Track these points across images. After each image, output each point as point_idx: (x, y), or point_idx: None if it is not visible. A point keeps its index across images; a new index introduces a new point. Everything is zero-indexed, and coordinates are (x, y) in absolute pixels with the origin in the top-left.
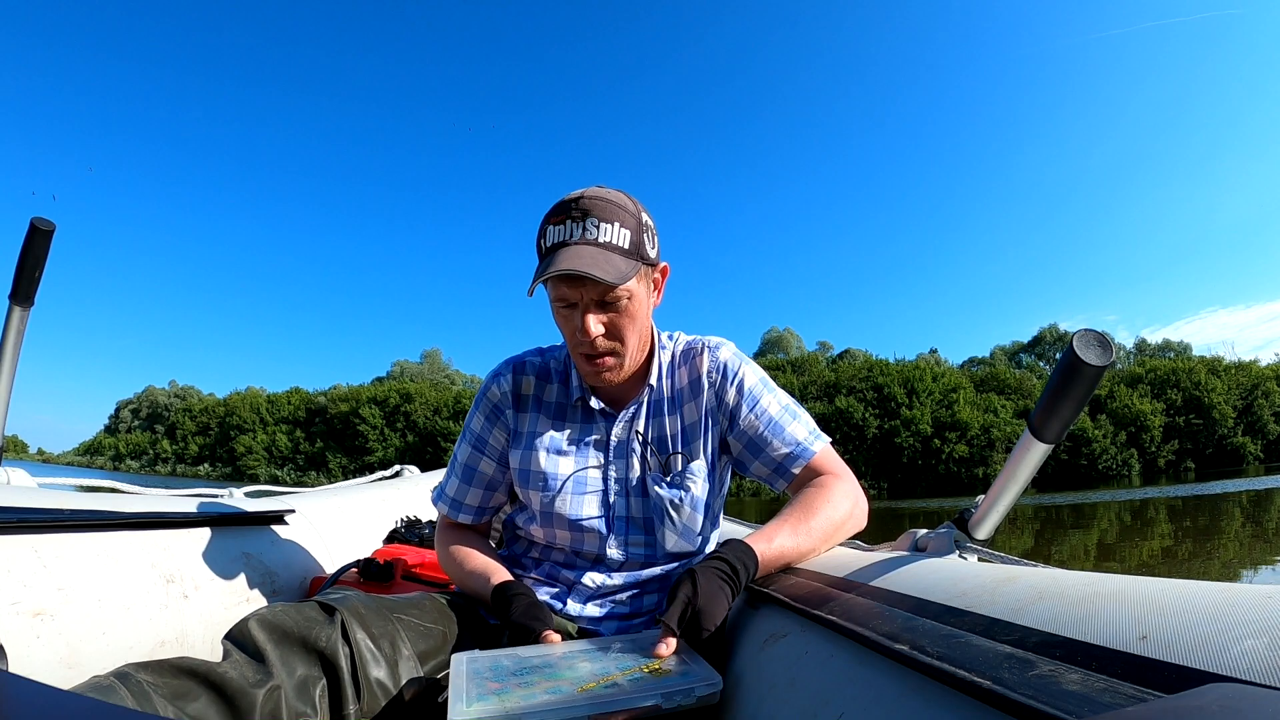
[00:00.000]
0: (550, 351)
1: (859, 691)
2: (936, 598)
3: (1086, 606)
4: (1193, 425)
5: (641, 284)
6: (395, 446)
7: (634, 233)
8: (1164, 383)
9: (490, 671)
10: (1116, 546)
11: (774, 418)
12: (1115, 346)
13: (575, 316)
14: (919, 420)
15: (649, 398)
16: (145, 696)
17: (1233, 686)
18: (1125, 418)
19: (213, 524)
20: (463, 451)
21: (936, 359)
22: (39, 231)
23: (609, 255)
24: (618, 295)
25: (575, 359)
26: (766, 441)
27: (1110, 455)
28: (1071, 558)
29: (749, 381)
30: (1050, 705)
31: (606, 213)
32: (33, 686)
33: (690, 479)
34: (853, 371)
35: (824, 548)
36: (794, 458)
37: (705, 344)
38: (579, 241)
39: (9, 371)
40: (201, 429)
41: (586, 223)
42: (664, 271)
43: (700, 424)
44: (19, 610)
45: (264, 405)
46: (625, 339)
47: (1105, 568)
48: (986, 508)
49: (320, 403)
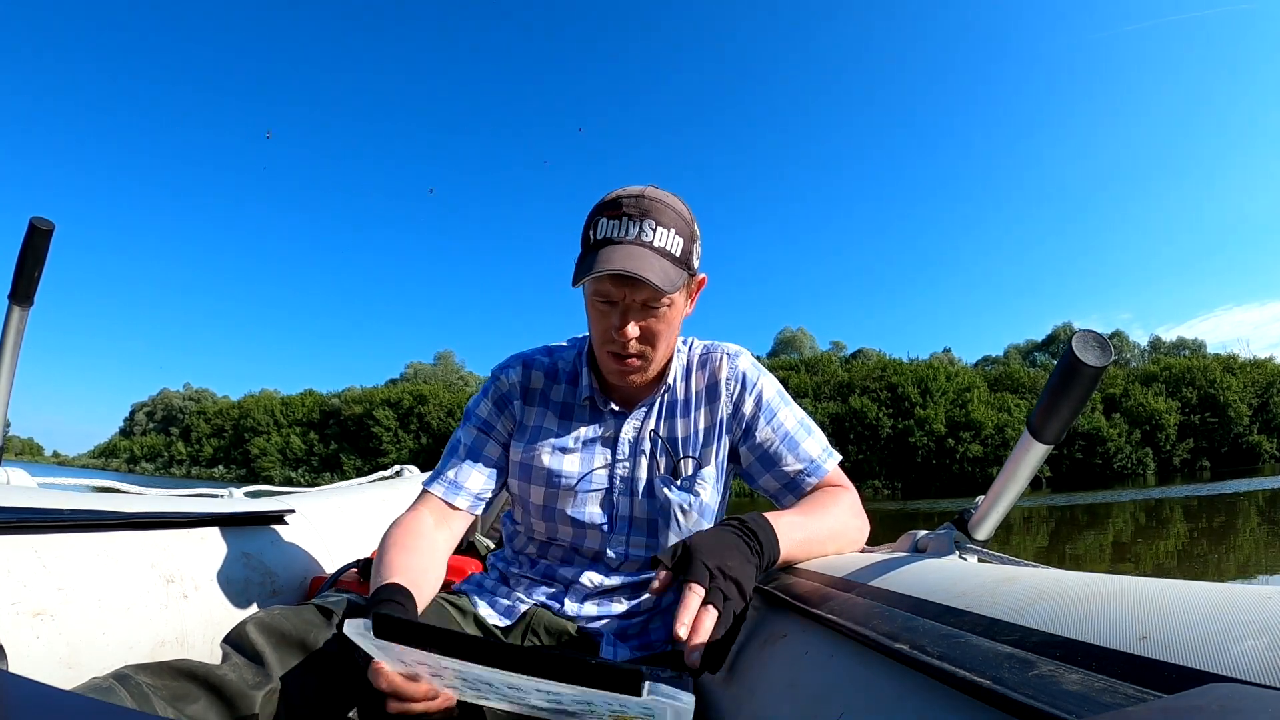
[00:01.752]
0: (559, 352)
1: (859, 691)
2: (936, 598)
3: (1086, 606)
4: (1208, 424)
5: (682, 293)
6: (409, 448)
7: (686, 241)
8: (1179, 381)
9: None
10: (1131, 546)
11: (790, 432)
12: (1131, 344)
13: (613, 315)
14: (933, 420)
15: (663, 399)
16: (144, 698)
17: (1233, 686)
18: (1140, 416)
19: (213, 524)
20: (467, 434)
21: (950, 358)
22: (38, 231)
23: (661, 261)
24: (661, 303)
25: (600, 355)
26: (780, 456)
27: (1125, 454)
28: (1087, 558)
29: (767, 394)
30: (1050, 705)
31: (664, 217)
32: (33, 686)
33: (701, 484)
34: (866, 371)
35: (831, 546)
36: (806, 475)
37: (724, 351)
38: (633, 241)
39: (8, 372)
40: (216, 431)
41: (644, 223)
42: (700, 283)
43: (714, 431)
44: (19, 610)
45: (278, 407)
46: (658, 345)
47: (1120, 568)
48: (986, 508)
49: (334, 405)
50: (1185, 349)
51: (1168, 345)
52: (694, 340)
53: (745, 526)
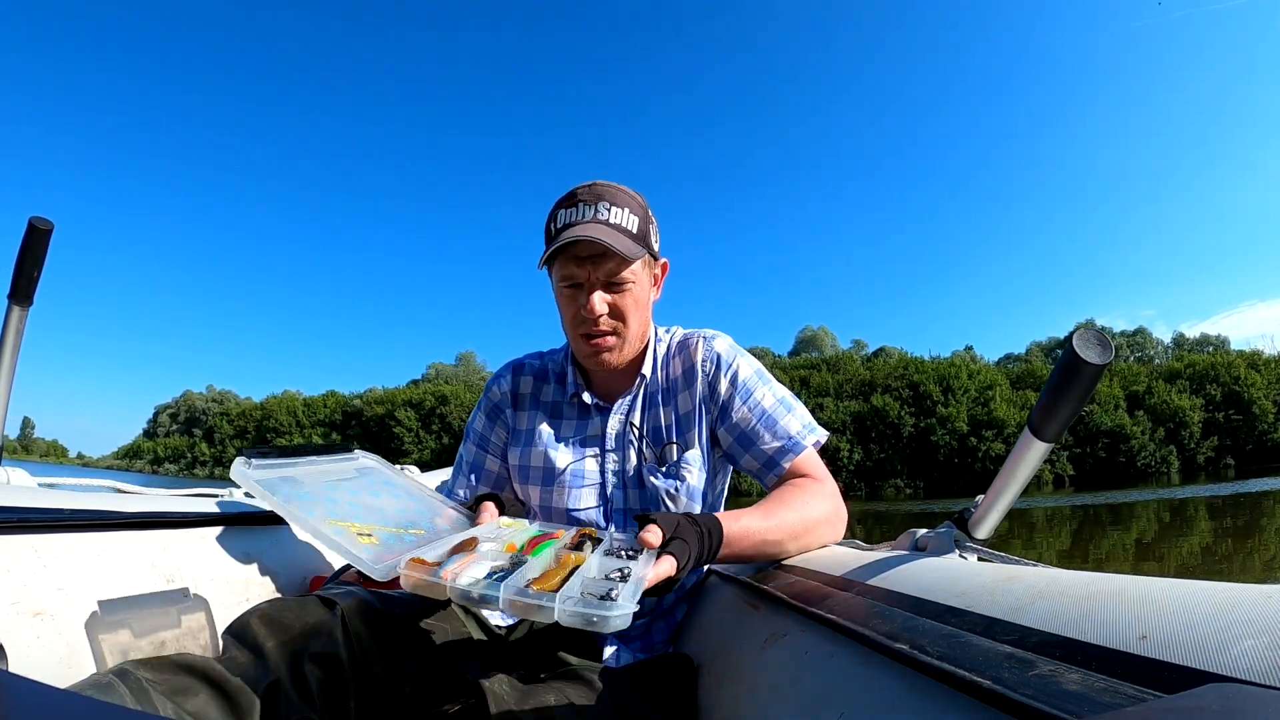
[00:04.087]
0: (550, 355)
1: (859, 691)
2: (936, 597)
3: (1086, 606)
4: (1232, 421)
5: (646, 272)
6: (430, 449)
7: (641, 221)
8: (1203, 378)
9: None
10: (1155, 546)
11: (767, 410)
12: (1155, 341)
13: (580, 296)
14: (955, 418)
15: (643, 390)
16: (144, 693)
17: (1233, 686)
18: (1164, 414)
19: (213, 523)
20: (468, 451)
21: (972, 356)
22: (37, 231)
23: (618, 235)
24: (624, 277)
25: (575, 341)
26: (758, 435)
27: (1149, 452)
28: (1110, 557)
29: (744, 373)
30: (1050, 705)
31: (616, 198)
32: (33, 686)
33: (686, 468)
34: (888, 370)
35: (794, 545)
36: (784, 451)
37: (701, 335)
38: (590, 221)
39: (8, 372)
40: (239, 432)
41: (598, 205)
42: (664, 268)
43: (694, 413)
44: (19, 610)
45: (300, 408)
46: (628, 320)
47: (1144, 567)
48: (986, 507)
49: (356, 406)
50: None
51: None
52: (677, 329)
53: (695, 517)
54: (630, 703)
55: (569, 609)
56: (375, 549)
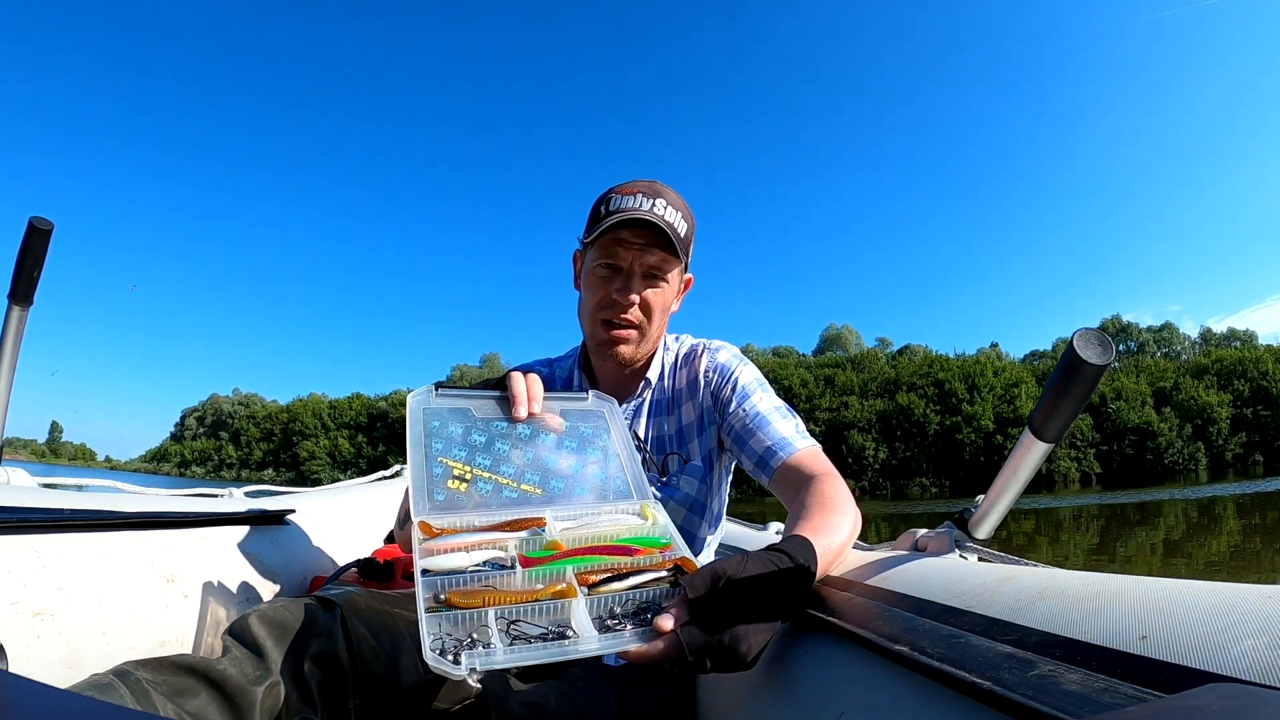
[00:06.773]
0: (558, 362)
1: (859, 691)
2: (936, 598)
3: (1086, 606)
4: (1260, 417)
5: (678, 279)
6: None
7: (688, 229)
8: (1230, 373)
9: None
10: (1182, 544)
11: (762, 413)
12: (1182, 336)
13: (616, 280)
14: (980, 416)
15: (649, 398)
16: (144, 694)
17: (1233, 686)
18: (1191, 410)
19: (213, 524)
20: None
21: (998, 353)
22: (37, 231)
23: (672, 230)
24: (663, 273)
25: (594, 328)
26: (751, 434)
27: (1176, 449)
28: (1137, 556)
29: (744, 380)
30: (1050, 705)
31: (672, 200)
32: (33, 686)
33: (686, 480)
34: (913, 368)
35: (849, 546)
36: (773, 451)
37: (706, 346)
38: (648, 211)
39: (8, 372)
40: (265, 435)
41: (656, 201)
42: (688, 283)
43: (697, 424)
44: (19, 610)
45: (326, 411)
46: (653, 318)
47: (1171, 565)
48: (987, 507)
49: (381, 408)
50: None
51: (1218, 337)
52: (685, 338)
53: (793, 560)
54: (630, 702)
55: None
56: (452, 495)
